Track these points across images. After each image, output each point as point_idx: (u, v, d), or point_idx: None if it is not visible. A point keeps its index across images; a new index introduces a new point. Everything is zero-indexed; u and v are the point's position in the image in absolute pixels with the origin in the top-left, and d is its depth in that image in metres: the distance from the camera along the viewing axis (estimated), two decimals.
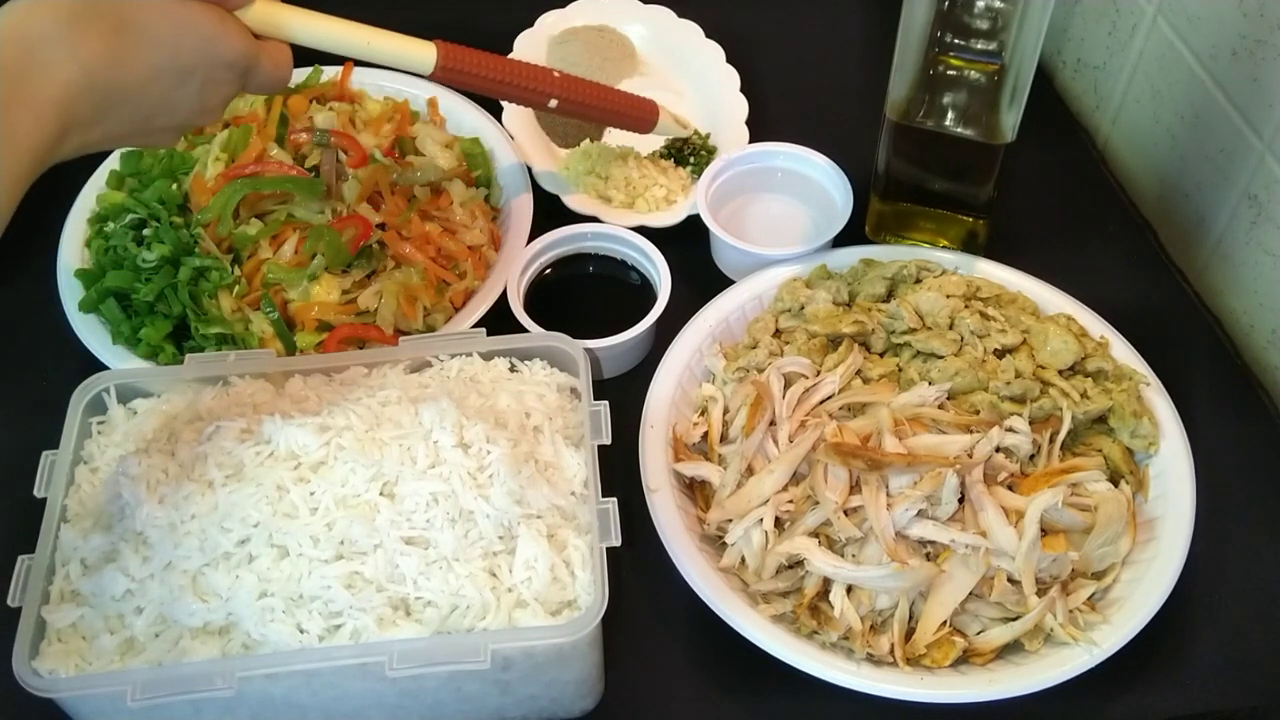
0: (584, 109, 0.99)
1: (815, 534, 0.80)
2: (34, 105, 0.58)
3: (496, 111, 1.12)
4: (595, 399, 0.81)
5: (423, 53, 0.85)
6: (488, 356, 0.86)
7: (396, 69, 0.86)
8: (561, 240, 1.02)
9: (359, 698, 0.73)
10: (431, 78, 0.87)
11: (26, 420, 0.91)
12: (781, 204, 1.09)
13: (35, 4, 0.60)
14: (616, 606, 0.73)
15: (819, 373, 0.89)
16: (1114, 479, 0.85)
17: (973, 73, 0.90)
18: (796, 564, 0.81)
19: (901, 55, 0.91)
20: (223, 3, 0.68)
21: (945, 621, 0.78)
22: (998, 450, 0.83)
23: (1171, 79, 1.08)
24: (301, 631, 0.71)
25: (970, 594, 0.78)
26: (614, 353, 0.95)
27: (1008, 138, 0.92)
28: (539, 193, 1.07)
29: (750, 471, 0.84)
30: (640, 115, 1.03)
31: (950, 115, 0.93)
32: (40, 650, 0.72)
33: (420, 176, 1.03)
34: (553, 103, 0.95)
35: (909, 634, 0.78)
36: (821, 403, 0.87)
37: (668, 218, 1.06)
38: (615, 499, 0.75)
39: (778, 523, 0.81)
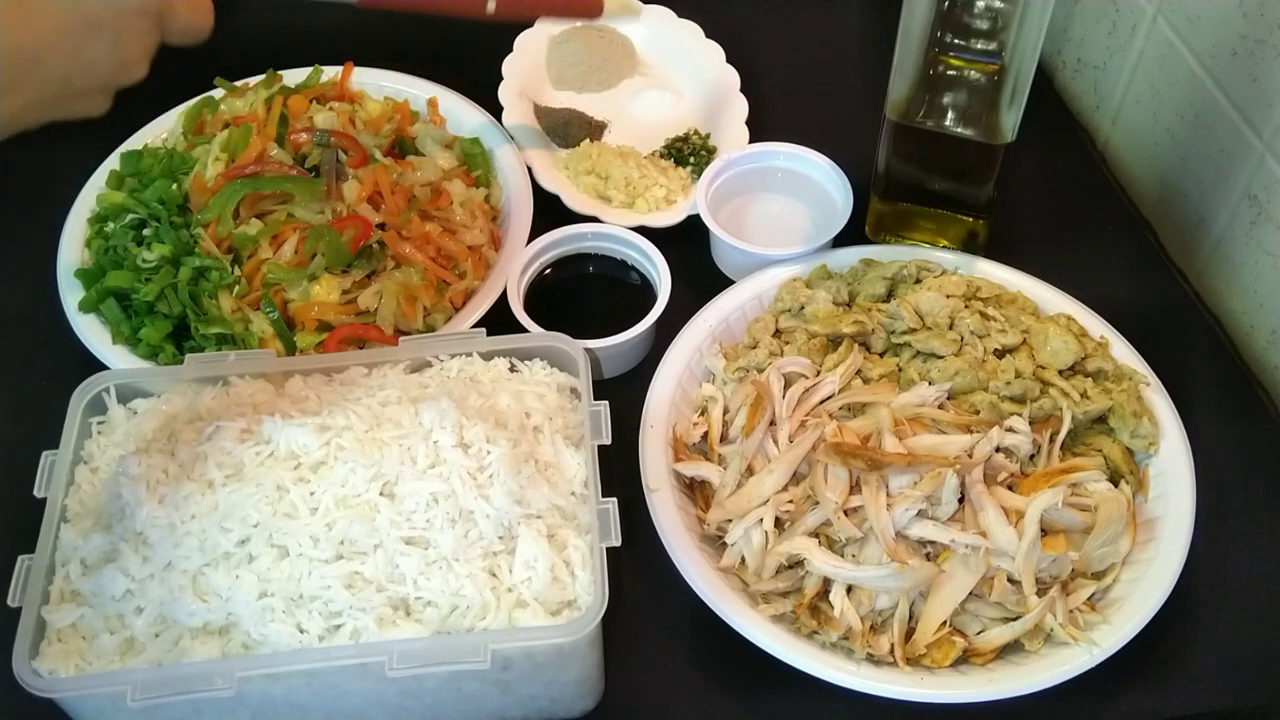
0: (524, 6, 0.96)
1: (815, 534, 0.80)
2: None
3: (497, 111, 1.12)
4: (595, 399, 0.81)
5: None
6: (488, 356, 0.86)
7: (322, 3, 0.82)
8: (561, 240, 1.02)
9: (359, 698, 0.73)
10: (361, 4, 0.82)
11: (26, 420, 0.91)
12: (781, 204, 1.09)
13: None
14: (616, 606, 0.73)
15: (819, 373, 0.89)
16: (1114, 479, 0.85)
17: (973, 73, 0.90)
18: (796, 564, 0.81)
19: (901, 55, 0.91)
20: None
21: (945, 621, 0.78)
22: (998, 450, 0.83)
23: (1171, 79, 1.08)
24: (301, 631, 0.71)
25: (970, 594, 0.78)
26: (614, 353, 0.95)
27: (1008, 138, 0.92)
28: (539, 193, 1.07)
29: (750, 471, 0.84)
30: (583, 1, 1.00)
31: (950, 115, 0.93)
32: (40, 650, 0.72)
33: (420, 176, 1.03)
34: (491, 5, 0.92)
35: (909, 634, 0.78)
36: (821, 403, 0.87)
37: (668, 218, 1.06)
38: (615, 499, 0.75)
39: (778, 523, 0.81)
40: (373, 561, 0.72)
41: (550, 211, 1.06)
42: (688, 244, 1.05)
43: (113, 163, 1.06)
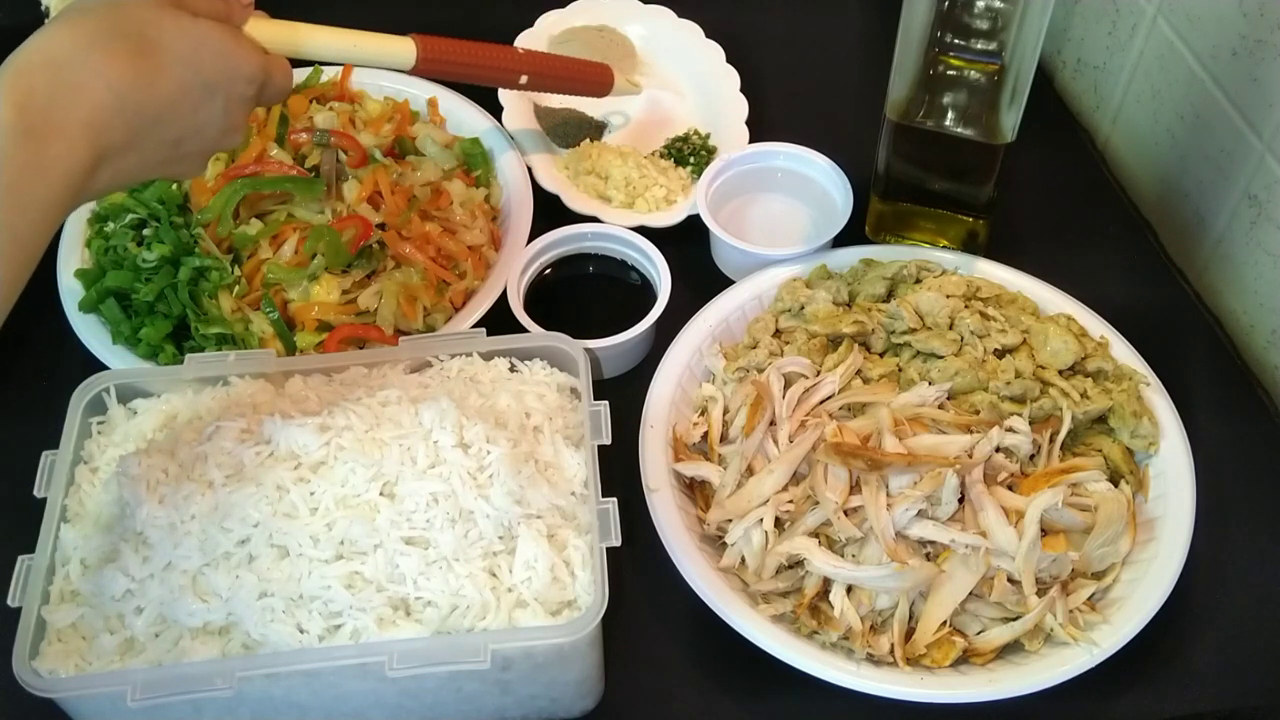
0: (550, 81, 1.03)
1: (815, 534, 0.80)
2: (65, 129, 0.58)
3: (497, 111, 1.12)
4: (595, 399, 0.81)
5: (403, 49, 0.87)
6: (488, 356, 0.86)
7: (380, 68, 0.87)
8: (561, 240, 1.02)
9: (359, 698, 0.73)
10: (413, 72, 0.88)
11: (26, 420, 0.91)
12: (781, 204, 1.09)
13: (56, 31, 0.60)
14: (616, 606, 0.73)
15: (819, 373, 0.89)
16: (1114, 479, 0.85)
17: (973, 73, 0.90)
18: (796, 564, 0.81)
19: (901, 55, 0.91)
20: (229, 20, 0.68)
21: (945, 621, 0.78)
22: (998, 450, 0.83)
23: (1171, 79, 1.08)
24: (301, 631, 0.71)
25: (970, 594, 0.78)
26: (614, 353, 0.95)
27: (1008, 138, 0.92)
28: (539, 193, 1.07)
29: (750, 471, 0.84)
30: (598, 80, 1.08)
31: (950, 115, 0.93)
32: (40, 650, 0.72)
33: (420, 176, 1.03)
34: (523, 79, 0.99)
35: (909, 634, 0.78)
36: (821, 403, 0.87)
37: (668, 218, 1.06)
38: (615, 499, 0.75)
39: (778, 523, 0.81)
40: (373, 561, 0.72)
41: (550, 211, 1.06)
42: (688, 244, 1.05)
43: None
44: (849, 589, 0.79)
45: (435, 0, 1.21)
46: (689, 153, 1.13)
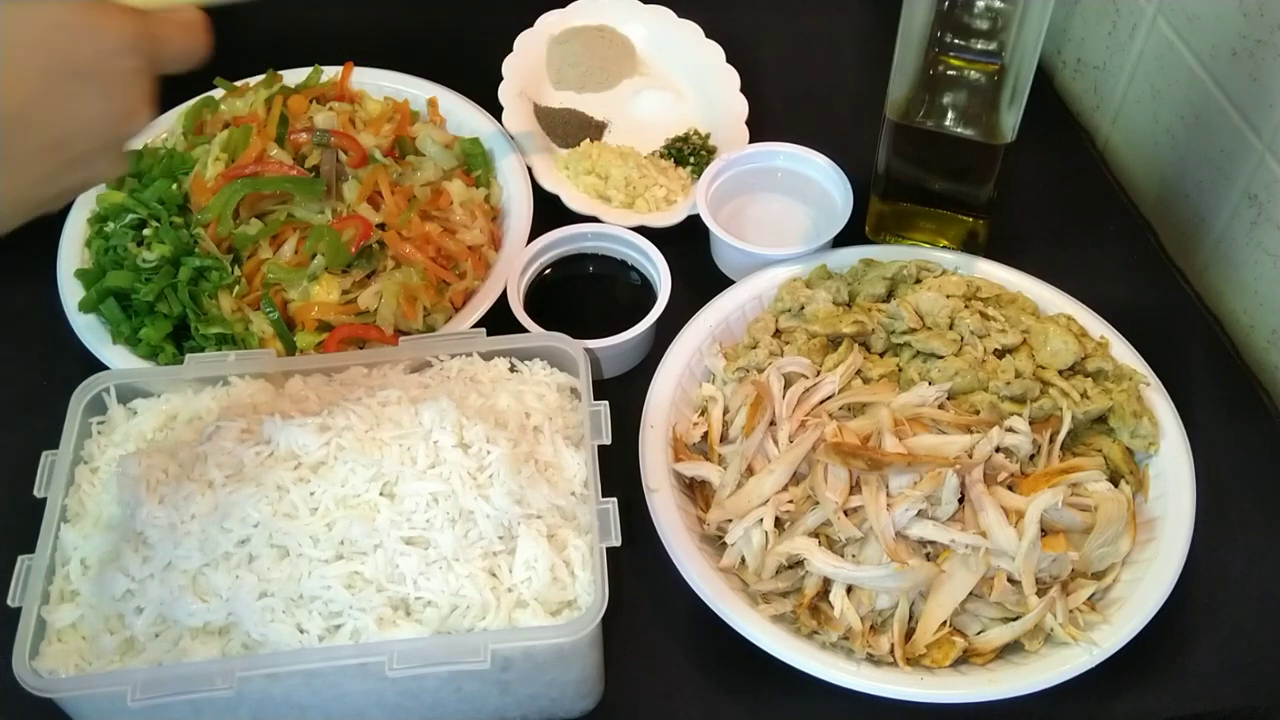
0: None
1: (815, 534, 0.80)
2: None
3: (497, 111, 1.12)
4: (595, 399, 0.81)
5: None
6: (488, 356, 0.86)
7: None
8: (561, 240, 1.02)
9: (359, 698, 0.73)
10: None
11: (26, 420, 0.91)
12: (781, 204, 1.09)
13: None
14: (616, 606, 0.73)
15: (819, 373, 0.89)
16: (1114, 479, 0.85)
17: (973, 73, 0.90)
18: (796, 564, 0.81)
19: (901, 55, 0.91)
20: None
21: (945, 621, 0.78)
22: (998, 450, 0.83)
23: (1171, 79, 1.08)
24: (301, 631, 0.71)
25: (970, 594, 0.78)
26: (614, 353, 0.95)
27: (1008, 138, 0.92)
28: (539, 193, 1.07)
29: (750, 471, 0.84)
30: None
31: (950, 115, 0.93)
32: (40, 650, 0.72)
33: (420, 176, 1.03)
34: None
35: (909, 634, 0.78)
36: (821, 403, 0.87)
37: (668, 218, 1.06)
38: (615, 499, 0.75)
39: (778, 523, 0.81)
40: (373, 561, 0.72)
41: (550, 211, 1.06)
42: (688, 244, 1.04)
43: None
44: (849, 589, 0.79)
45: (435, 1, 1.21)
46: (689, 153, 1.13)
